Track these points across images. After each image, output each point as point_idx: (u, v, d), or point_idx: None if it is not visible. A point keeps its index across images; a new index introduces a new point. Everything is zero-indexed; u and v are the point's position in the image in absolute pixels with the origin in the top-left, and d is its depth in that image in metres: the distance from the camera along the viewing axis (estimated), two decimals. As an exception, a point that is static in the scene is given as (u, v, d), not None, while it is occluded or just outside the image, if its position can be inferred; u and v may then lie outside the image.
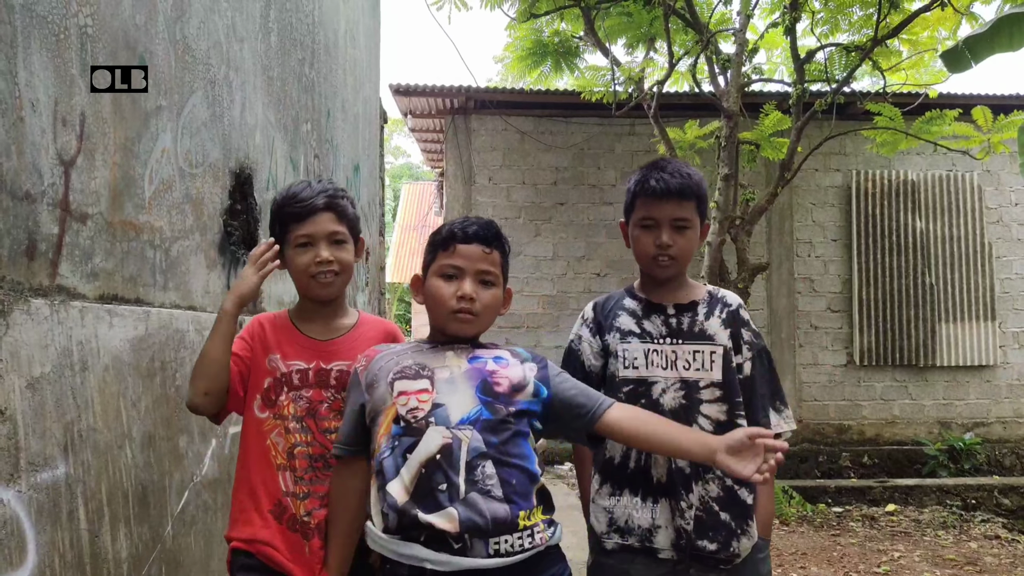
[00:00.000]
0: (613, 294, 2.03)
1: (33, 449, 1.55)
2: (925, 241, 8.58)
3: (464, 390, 1.60)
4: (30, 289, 1.60)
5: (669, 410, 1.83)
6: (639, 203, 1.90)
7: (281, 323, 1.89)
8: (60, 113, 1.72)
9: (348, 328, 1.90)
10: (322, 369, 1.83)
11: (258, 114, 3.09)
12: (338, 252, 1.83)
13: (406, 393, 1.59)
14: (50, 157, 1.68)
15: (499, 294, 1.72)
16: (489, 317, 1.70)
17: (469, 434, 1.54)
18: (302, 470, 1.78)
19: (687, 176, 1.88)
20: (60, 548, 1.61)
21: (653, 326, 1.90)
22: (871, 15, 6.25)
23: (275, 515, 1.76)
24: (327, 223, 1.83)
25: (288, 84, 3.53)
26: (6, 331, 1.50)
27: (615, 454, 1.87)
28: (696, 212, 1.89)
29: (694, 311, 1.92)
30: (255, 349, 1.85)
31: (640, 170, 1.96)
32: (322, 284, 1.83)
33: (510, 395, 1.62)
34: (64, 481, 1.65)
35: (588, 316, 1.99)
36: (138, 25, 2.07)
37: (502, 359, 1.68)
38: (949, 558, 5.26)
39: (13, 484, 1.48)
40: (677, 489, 1.80)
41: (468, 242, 1.68)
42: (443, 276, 1.67)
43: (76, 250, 1.77)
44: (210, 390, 1.77)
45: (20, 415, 1.52)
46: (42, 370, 1.61)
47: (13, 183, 1.56)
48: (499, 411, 1.59)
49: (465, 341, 1.71)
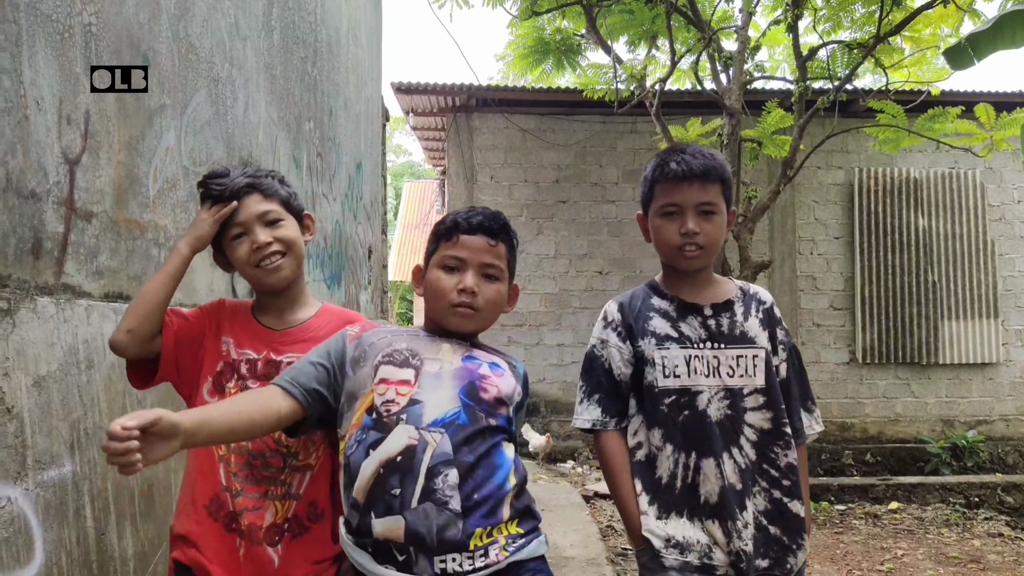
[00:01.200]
0: (635, 292, 1.84)
1: (40, 447, 1.55)
2: (928, 239, 8.56)
3: (447, 389, 1.49)
4: (36, 287, 1.61)
5: (715, 421, 1.68)
6: (658, 190, 1.75)
7: (242, 309, 1.78)
8: (65, 111, 1.72)
9: (305, 319, 1.77)
10: (271, 360, 1.69)
11: (261, 112, 3.09)
12: (276, 231, 1.70)
13: (387, 382, 1.49)
14: (55, 156, 1.69)
15: (503, 290, 1.62)
16: (491, 313, 1.60)
17: (438, 438, 1.43)
18: (237, 466, 1.63)
19: (710, 157, 1.73)
20: (67, 546, 1.62)
21: (691, 329, 1.73)
22: (873, 12, 6.24)
23: (210, 511, 1.62)
24: (254, 205, 1.69)
25: (291, 82, 3.53)
26: (12, 329, 1.51)
27: (663, 474, 1.70)
28: (721, 196, 1.73)
29: (731, 311, 1.76)
30: (208, 324, 1.72)
31: (657, 156, 1.81)
32: (269, 270, 1.69)
33: (494, 406, 1.51)
34: (71, 479, 1.65)
35: (614, 318, 1.80)
36: (142, 23, 2.07)
37: (499, 367, 1.58)
38: (953, 556, 5.26)
39: (20, 482, 1.48)
40: (731, 508, 1.65)
41: (472, 233, 1.57)
42: (444, 267, 1.57)
43: (81, 248, 1.78)
44: (134, 328, 1.59)
45: (27, 413, 1.52)
46: (48, 368, 1.61)
47: (19, 182, 1.56)
48: (478, 418, 1.48)
49: (464, 338, 1.61)
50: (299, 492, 1.64)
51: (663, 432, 1.70)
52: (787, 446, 1.71)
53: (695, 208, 1.70)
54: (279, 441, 1.63)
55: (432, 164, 12.54)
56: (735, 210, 1.74)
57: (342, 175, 4.69)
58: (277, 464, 1.64)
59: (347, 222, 4.82)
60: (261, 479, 1.63)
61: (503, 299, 1.63)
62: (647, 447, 1.73)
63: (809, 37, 6.96)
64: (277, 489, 1.63)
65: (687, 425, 1.68)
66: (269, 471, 1.63)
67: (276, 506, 1.63)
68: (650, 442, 1.72)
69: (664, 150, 1.82)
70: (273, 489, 1.63)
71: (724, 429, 1.68)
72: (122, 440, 1.13)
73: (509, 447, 1.53)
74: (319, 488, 1.67)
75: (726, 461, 1.66)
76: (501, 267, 1.60)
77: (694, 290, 1.78)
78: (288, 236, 1.72)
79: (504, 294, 1.63)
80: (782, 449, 1.71)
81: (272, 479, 1.63)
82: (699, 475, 1.67)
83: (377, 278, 6.13)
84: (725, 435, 1.68)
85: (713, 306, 1.76)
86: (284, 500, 1.63)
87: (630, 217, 8.38)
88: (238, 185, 1.69)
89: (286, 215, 1.74)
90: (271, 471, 1.64)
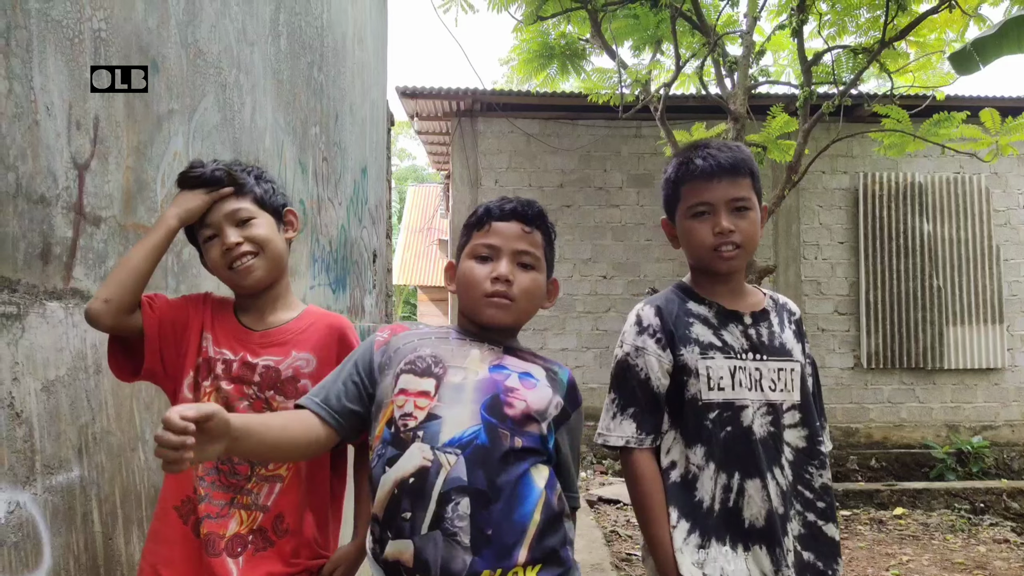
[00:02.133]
0: (667, 296, 1.69)
1: (48, 452, 1.56)
2: (932, 244, 8.55)
3: (468, 403, 1.36)
4: (45, 292, 1.61)
5: (759, 439, 1.55)
6: (685, 190, 1.62)
7: (225, 305, 1.70)
8: (74, 117, 1.73)
9: (286, 321, 1.69)
10: (247, 363, 1.61)
11: (268, 117, 3.10)
12: (248, 231, 1.61)
13: (406, 393, 1.38)
14: (64, 161, 1.69)
15: (540, 280, 1.49)
16: (527, 305, 1.47)
17: (453, 460, 1.30)
18: (204, 470, 1.55)
19: (736, 149, 1.62)
20: (75, 550, 1.62)
21: (733, 338, 1.61)
22: (878, 17, 6.24)
23: (182, 514, 1.54)
24: (224, 203, 1.61)
25: (297, 87, 3.54)
26: (22, 334, 1.51)
27: (703, 496, 1.55)
28: (752, 190, 1.61)
29: (768, 321, 1.65)
30: (192, 313, 1.65)
31: (677, 155, 1.69)
32: (241, 272, 1.60)
33: (521, 423, 1.37)
34: (78, 483, 1.65)
35: (652, 323, 1.62)
36: (151, 29, 2.08)
37: (531, 378, 1.43)
38: (958, 562, 5.24)
39: (29, 487, 1.48)
40: (777, 533, 1.52)
41: (506, 219, 1.48)
42: (477, 257, 1.47)
43: (90, 253, 1.78)
44: (112, 297, 1.50)
45: (36, 418, 1.52)
46: (57, 373, 1.61)
47: (28, 187, 1.56)
48: (501, 439, 1.34)
49: (499, 339, 1.49)
50: (266, 504, 1.57)
51: (706, 450, 1.55)
52: (821, 465, 1.62)
53: (727, 205, 1.58)
54: None
55: (436, 168, 12.56)
56: (766, 205, 1.69)
57: (347, 180, 4.70)
58: (244, 472, 1.56)
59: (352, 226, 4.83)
60: (228, 486, 1.55)
61: (540, 291, 1.51)
62: (684, 466, 1.57)
63: (814, 42, 6.98)
64: (243, 498, 1.55)
65: (729, 443, 1.55)
66: (236, 478, 1.56)
67: (241, 515, 1.54)
68: (689, 461, 1.56)
69: (684, 147, 1.70)
70: (239, 498, 1.55)
71: (767, 447, 1.55)
72: (178, 432, 1.04)
73: (541, 473, 1.38)
74: (289, 501, 1.59)
75: (771, 482, 1.54)
76: (537, 255, 1.49)
77: (732, 297, 1.66)
78: (259, 235, 1.62)
79: (541, 285, 1.51)
80: (816, 469, 1.61)
81: (238, 487, 1.56)
82: (743, 497, 1.53)
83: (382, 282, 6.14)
84: (768, 454, 1.55)
85: (752, 314, 1.64)
86: (250, 510, 1.55)
87: (634, 222, 8.38)
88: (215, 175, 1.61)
89: (260, 213, 1.65)
90: (238, 478, 1.56)
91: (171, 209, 1.60)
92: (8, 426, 1.44)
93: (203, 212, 1.61)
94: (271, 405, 1.61)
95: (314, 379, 1.62)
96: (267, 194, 1.68)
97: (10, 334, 1.48)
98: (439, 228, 18.55)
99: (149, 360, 1.59)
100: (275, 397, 1.62)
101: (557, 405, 1.44)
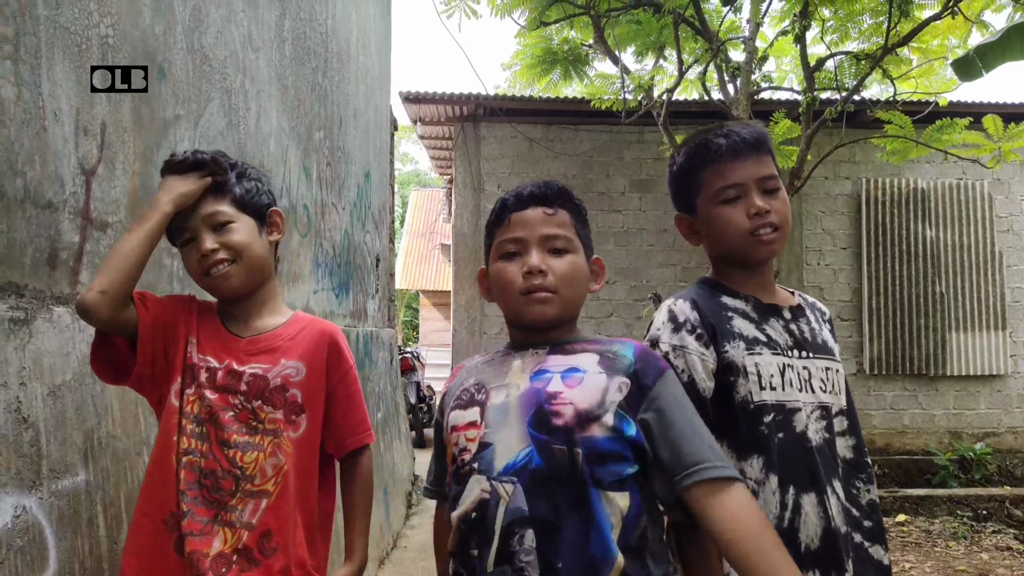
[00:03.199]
0: (694, 290, 1.50)
1: (54, 456, 1.56)
2: (935, 250, 8.55)
3: (514, 423, 1.22)
4: (52, 297, 1.62)
5: (816, 447, 1.36)
6: (707, 175, 1.45)
7: (210, 309, 1.61)
8: (82, 123, 1.73)
9: (274, 326, 1.61)
10: (233, 371, 1.53)
11: (272, 122, 3.11)
12: (224, 237, 1.52)
13: (457, 429, 1.28)
14: (72, 166, 1.70)
15: (578, 262, 1.34)
16: (572, 292, 1.31)
17: (510, 489, 1.17)
18: (186, 483, 1.46)
19: (753, 127, 1.48)
20: (80, 555, 1.62)
21: (776, 333, 1.43)
22: (881, 23, 6.25)
23: (169, 527, 1.46)
24: (202, 206, 1.52)
25: (302, 93, 3.55)
26: (29, 339, 1.52)
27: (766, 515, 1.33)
28: (776, 169, 1.47)
29: (806, 317, 1.49)
30: (179, 315, 1.56)
31: (689, 141, 1.52)
32: (218, 279, 1.52)
33: (575, 430, 1.19)
34: (84, 488, 1.66)
35: (689, 317, 1.40)
36: (157, 35, 2.09)
37: (576, 372, 1.25)
38: (960, 569, 5.23)
39: (35, 491, 1.49)
40: (839, 556, 1.33)
41: (524, 207, 1.34)
42: (504, 256, 1.33)
43: (97, 258, 1.79)
44: (109, 288, 1.41)
45: (42, 423, 1.53)
46: (63, 378, 1.62)
47: (36, 192, 1.57)
48: (556, 455, 1.18)
49: (546, 339, 1.33)
50: (251, 521, 1.48)
51: (764, 460, 1.34)
52: (869, 480, 1.45)
53: (758, 184, 1.42)
54: (233, 460, 1.49)
55: (439, 173, 12.58)
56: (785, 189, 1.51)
57: (351, 184, 4.71)
58: (228, 487, 1.48)
59: (355, 231, 4.84)
60: (211, 501, 1.47)
61: (582, 273, 1.34)
62: None
63: (817, 48, 7.01)
64: (227, 515, 1.47)
65: (783, 451, 1.35)
66: (219, 493, 1.47)
67: (226, 533, 1.46)
68: (746, 475, 1.33)
69: (695, 133, 1.54)
70: (223, 515, 1.47)
71: (824, 456, 1.36)
72: None
73: (620, 488, 1.18)
74: (276, 518, 1.50)
75: (830, 496, 1.35)
76: (568, 236, 1.34)
77: (765, 291, 1.49)
78: (235, 241, 1.52)
79: (582, 267, 1.35)
80: (864, 484, 1.44)
81: (221, 503, 1.47)
82: (799, 516, 1.33)
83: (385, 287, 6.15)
84: (826, 463, 1.36)
85: (790, 309, 1.48)
86: (234, 528, 1.47)
87: (637, 227, 8.38)
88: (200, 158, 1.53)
89: (239, 216, 1.54)
90: (221, 494, 1.47)
91: (162, 195, 1.50)
92: (15, 431, 1.44)
93: (196, 197, 1.52)
94: (258, 416, 1.53)
95: (303, 389, 1.57)
96: (249, 194, 1.58)
97: (17, 339, 1.49)
98: (441, 232, 18.58)
99: (142, 362, 1.50)
100: (262, 407, 1.53)
101: (621, 387, 1.23)
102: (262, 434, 1.52)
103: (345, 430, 1.67)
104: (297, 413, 1.57)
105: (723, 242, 1.46)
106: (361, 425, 1.70)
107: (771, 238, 1.41)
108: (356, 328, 4.75)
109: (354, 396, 1.69)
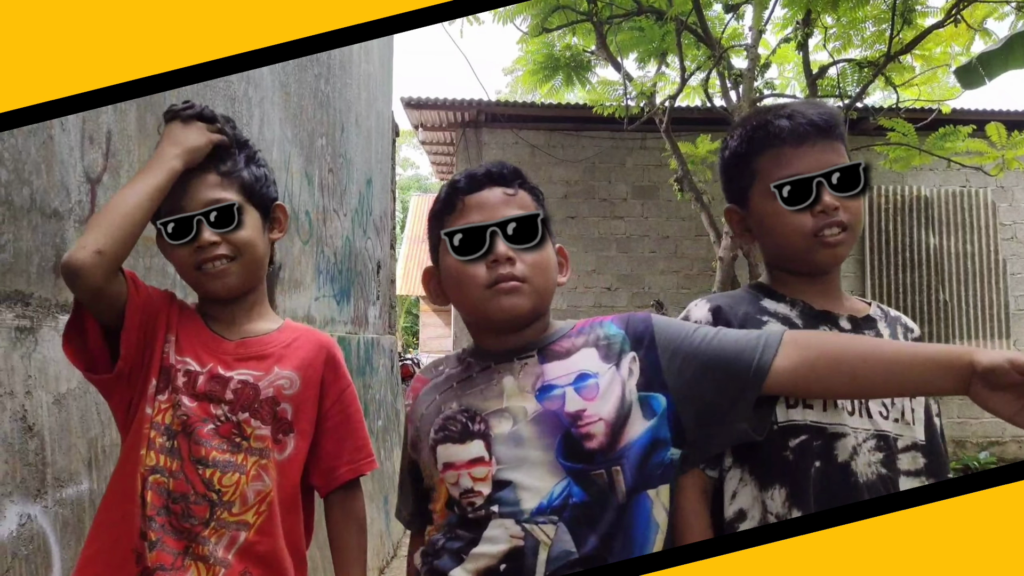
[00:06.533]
0: (733, 294, 1.32)
1: (59, 464, 1.56)
2: (939, 257, 8.54)
3: (537, 454, 1.06)
4: (57, 306, 1.62)
5: (864, 484, 1.13)
6: (764, 163, 1.22)
7: (189, 308, 1.41)
8: (87, 131, 1.74)
9: (266, 331, 1.41)
10: (217, 375, 1.32)
11: (275, 130, 3.12)
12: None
13: (456, 467, 1.10)
14: (78, 175, 1.70)
15: (548, 248, 1.17)
16: (543, 281, 1.14)
17: (551, 531, 1.02)
18: (153, 508, 1.24)
19: (823, 107, 1.27)
20: (83, 564, 1.62)
21: None
22: (884, 31, 6.25)
23: (138, 556, 1.24)
24: (204, 189, 1.32)
25: (304, 99, 3.56)
26: (35, 347, 1.52)
27: None
28: (848, 159, 1.24)
29: (875, 329, 1.25)
30: (160, 307, 1.35)
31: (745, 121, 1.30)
32: (212, 275, 1.32)
33: (612, 445, 1.06)
34: (88, 496, 1.65)
35: (701, 321, 1.23)
36: (163, 43, 2.10)
37: (588, 377, 1.10)
38: (964, 578, 5.21)
39: (40, 499, 1.49)
40: None
41: (479, 188, 1.16)
42: None
43: (101, 266, 1.79)
44: (106, 249, 1.20)
45: (47, 431, 1.53)
46: (68, 386, 1.62)
47: (42, 201, 1.58)
48: (597, 480, 1.05)
49: (525, 342, 1.16)
50: (226, 558, 1.25)
51: (789, 492, 1.13)
52: None
53: (827, 176, 1.20)
54: (208, 482, 1.26)
55: (440, 178, 12.59)
56: None
57: (352, 191, 4.71)
58: (201, 514, 1.25)
59: (357, 238, 4.84)
60: (182, 531, 1.25)
61: (551, 262, 1.18)
62: (760, 515, 1.15)
63: (819, 55, 6.99)
64: (199, 547, 1.25)
65: (821, 483, 1.13)
66: (190, 521, 1.25)
67: (199, 569, 1.24)
68: (766, 509, 1.14)
69: (755, 111, 1.32)
70: (194, 547, 1.25)
71: (874, 495, 1.13)
72: None
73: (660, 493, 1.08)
74: (258, 554, 1.28)
75: None
76: None
77: (825, 298, 1.26)
78: (240, 237, 1.33)
79: (552, 255, 1.19)
80: None
81: (192, 533, 1.25)
82: None
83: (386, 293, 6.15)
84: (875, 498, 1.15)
85: (851, 318, 1.24)
86: (208, 564, 1.24)
87: (639, 233, 8.38)
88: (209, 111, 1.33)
89: (246, 207, 1.35)
90: (192, 522, 1.25)
91: (167, 147, 1.28)
92: (20, 439, 1.44)
93: (206, 153, 1.32)
94: (243, 431, 1.31)
95: (296, 403, 1.36)
96: (258, 183, 1.38)
97: (23, 347, 1.49)
98: (443, 238, 18.54)
99: (126, 354, 1.28)
100: (249, 421, 1.32)
101: (632, 368, 1.11)
102: (246, 453, 1.30)
103: (339, 457, 1.42)
104: (285, 432, 1.35)
105: (779, 243, 1.24)
106: (359, 452, 1.45)
107: (838, 239, 1.19)
108: (357, 335, 4.75)
109: (352, 418, 1.45)
